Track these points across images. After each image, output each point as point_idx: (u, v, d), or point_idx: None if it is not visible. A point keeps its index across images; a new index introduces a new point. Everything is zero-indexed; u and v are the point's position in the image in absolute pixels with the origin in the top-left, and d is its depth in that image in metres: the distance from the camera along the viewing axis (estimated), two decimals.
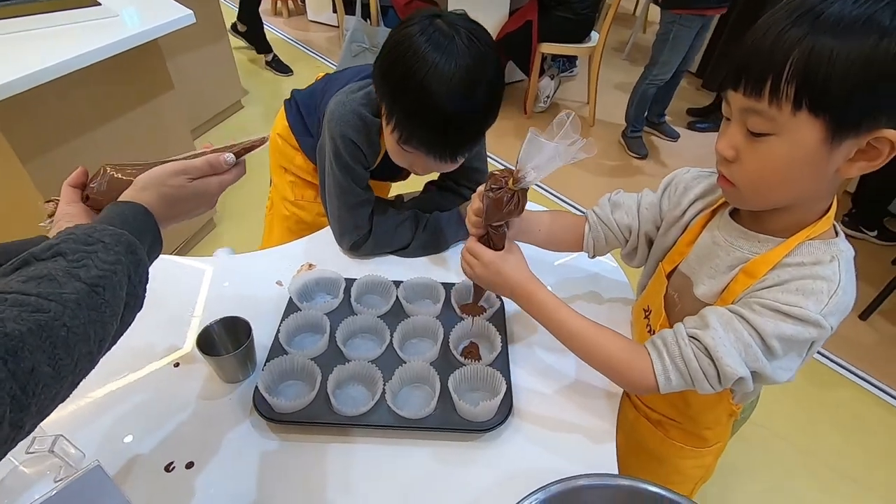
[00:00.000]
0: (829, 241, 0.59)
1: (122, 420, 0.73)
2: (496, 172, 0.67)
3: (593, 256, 0.85)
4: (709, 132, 3.20)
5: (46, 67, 1.28)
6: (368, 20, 2.86)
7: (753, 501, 1.46)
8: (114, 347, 0.47)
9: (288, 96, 1.20)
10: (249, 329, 0.77)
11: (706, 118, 3.25)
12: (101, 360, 0.45)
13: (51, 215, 0.62)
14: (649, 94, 2.81)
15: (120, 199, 0.54)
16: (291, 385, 0.77)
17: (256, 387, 0.72)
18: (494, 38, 3.18)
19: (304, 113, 1.14)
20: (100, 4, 1.56)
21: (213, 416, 0.74)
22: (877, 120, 0.48)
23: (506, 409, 0.73)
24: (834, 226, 0.60)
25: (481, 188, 0.70)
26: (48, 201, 0.64)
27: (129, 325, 0.48)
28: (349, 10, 3.04)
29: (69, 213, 0.59)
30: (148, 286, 0.50)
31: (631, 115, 2.91)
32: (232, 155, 0.61)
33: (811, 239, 0.58)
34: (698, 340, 0.60)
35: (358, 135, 0.91)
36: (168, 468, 0.68)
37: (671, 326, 0.70)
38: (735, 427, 0.82)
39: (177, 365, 0.80)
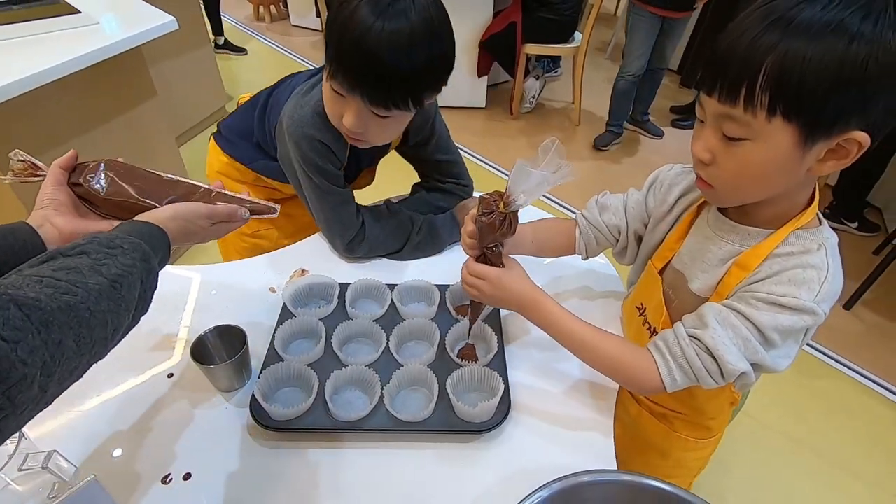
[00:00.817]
0: (814, 230, 0.61)
1: (118, 433, 0.72)
2: (486, 196, 0.68)
3: (586, 258, 0.87)
4: (691, 129, 3.24)
5: (26, 77, 1.26)
6: None
7: (745, 491, 1.48)
8: (107, 358, 0.48)
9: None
10: (244, 337, 0.76)
11: (689, 116, 3.30)
12: (94, 371, 0.48)
13: (15, 173, 0.64)
14: (620, 89, 2.87)
15: (148, 219, 0.60)
16: (288, 392, 0.77)
17: (253, 395, 0.72)
18: (479, 40, 3.18)
19: (249, 137, 1.07)
20: (80, 12, 1.54)
21: (209, 426, 0.73)
22: (847, 122, 0.50)
23: (504, 408, 0.73)
24: (817, 214, 0.62)
25: (473, 212, 0.70)
26: (21, 160, 0.64)
27: (134, 326, 0.53)
28: None
29: (57, 201, 0.63)
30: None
31: (610, 110, 2.99)
32: (248, 212, 0.71)
33: (798, 229, 0.60)
34: (699, 340, 0.61)
35: (322, 132, 0.88)
36: (165, 480, 0.67)
37: (671, 323, 0.71)
38: (732, 415, 0.84)
39: (171, 375, 0.79)
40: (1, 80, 1.22)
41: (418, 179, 1.17)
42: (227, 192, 0.73)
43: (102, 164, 0.66)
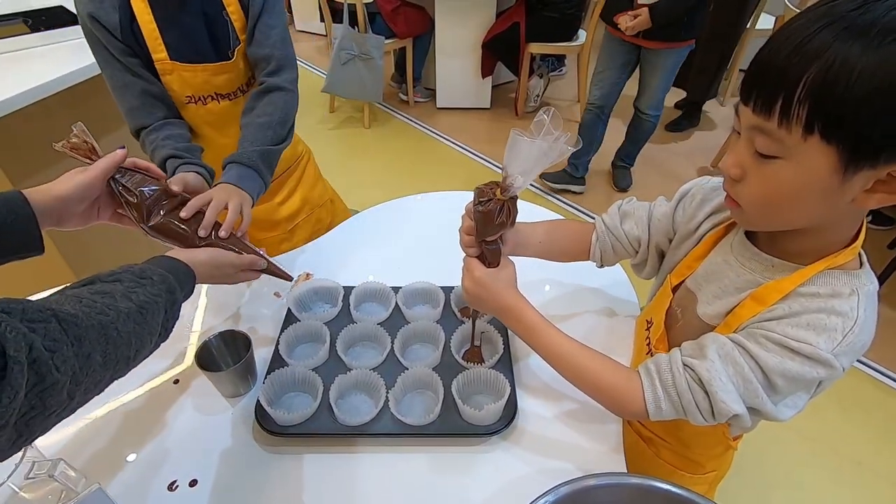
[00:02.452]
0: (851, 273, 0.53)
1: (124, 440, 0.72)
2: (482, 186, 0.64)
3: (601, 266, 0.81)
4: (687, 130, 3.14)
5: (32, 88, 1.27)
6: (356, 28, 2.86)
7: (758, 488, 1.46)
8: None
9: None
10: (249, 342, 0.76)
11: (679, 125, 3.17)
12: None
13: (72, 147, 0.68)
14: (582, 120, 2.47)
15: (183, 257, 0.66)
16: (293, 397, 0.77)
17: (258, 400, 0.72)
18: (482, 41, 3.13)
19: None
20: None
21: (215, 433, 0.73)
22: None
23: (511, 411, 0.72)
24: (859, 255, 0.55)
25: (469, 204, 0.67)
26: (84, 137, 0.69)
27: (154, 350, 0.57)
28: (337, 18, 3.04)
29: (94, 186, 0.68)
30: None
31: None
32: (266, 263, 0.77)
33: (832, 268, 0.53)
34: (693, 370, 0.56)
35: (88, 3, 0.84)
36: (171, 487, 0.67)
37: (669, 341, 0.68)
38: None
39: (176, 382, 0.79)
40: (9, 91, 1.23)
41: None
42: (249, 243, 0.78)
43: (161, 187, 0.73)
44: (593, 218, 0.80)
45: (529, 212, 1.04)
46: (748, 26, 3.09)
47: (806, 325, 0.51)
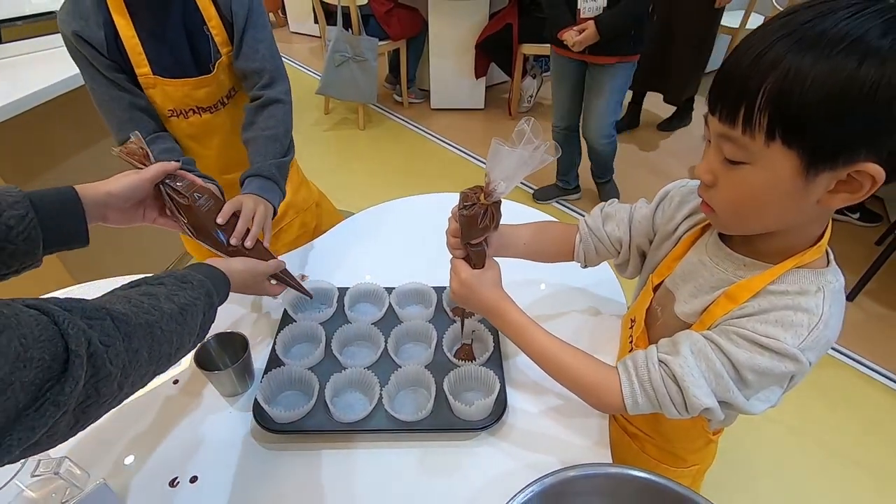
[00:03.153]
0: (818, 271, 0.55)
1: (125, 439, 0.74)
2: (466, 190, 0.66)
3: (585, 266, 0.83)
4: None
5: (31, 93, 1.29)
6: (350, 30, 2.88)
7: (744, 482, 1.49)
8: None
9: None
10: (246, 343, 0.78)
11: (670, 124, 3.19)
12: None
13: (128, 152, 0.72)
14: (558, 142, 2.24)
15: (221, 265, 0.71)
16: (290, 395, 0.79)
17: (256, 399, 0.74)
18: (476, 42, 3.10)
19: None
20: None
21: (214, 430, 0.75)
22: (855, 152, 0.45)
23: (501, 406, 0.75)
24: (827, 253, 0.57)
25: (454, 208, 0.69)
26: (140, 145, 0.73)
27: (192, 350, 0.62)
28: (331, 20, 3.06)
29: (143, 188, 0.72)
30: None
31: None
32: (284, 266, 0.84)
33: (799, 267, 0.55)
34: (667, 366, 0.58)
35: (73, 17, 0.86)
36: (173, 483, 0.69)
37: (649, 339, 0.70)
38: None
39: (176, 382, 0.82)
40: (6, 97, 1.25)
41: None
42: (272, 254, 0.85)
43: (210, 190, 0.79)
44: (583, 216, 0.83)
45: (521, 213, 1.06)
46: (738, 26, 3.13)
47: (774, 321, 0.54)
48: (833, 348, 1.87)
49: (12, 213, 0.54)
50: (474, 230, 0.66)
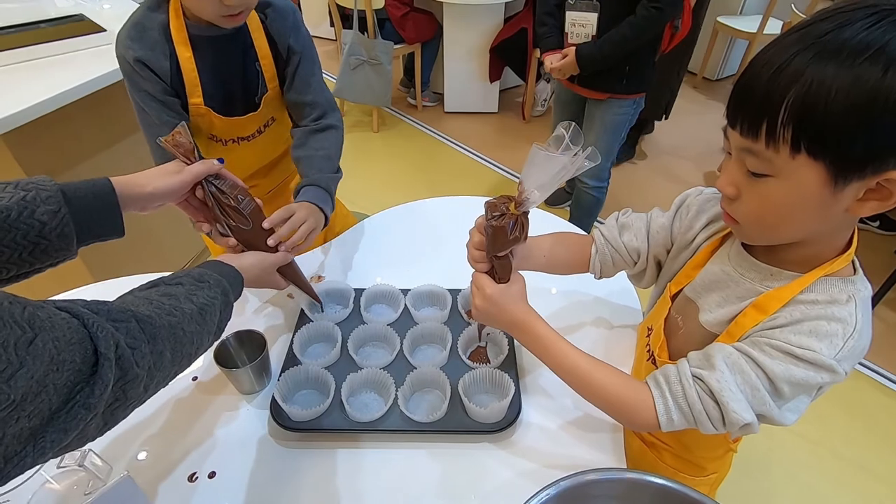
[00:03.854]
0: (846, 279, 0.55)
1: (146, 434, 0.76)
2: (493, 200, 0.63)
3: (600, 277, 0.81)
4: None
5: (56, 95, 1.32)
6: (365, 33, 2.91)
7: (762, 493, 1.47)
8: None
9: None
10: (264, 341, 0.80)
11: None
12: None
13: (174, 144, 0.71)
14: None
15: (233, 262, 0.72)
16: (306, 394, 0.80)
17: (273, 397, 0.75)
18: (490, 45, 3.02)
19: None
20: (105, 31, 1.60)
21: (232, 427, 0.77)
22: (884, 161, 0.44)
23: (515, 409, 0.75)
24: (853, 262, 0.56)
25: (480, 220, 0.67)
26: (188, 138, 0.72)
27: (209, 348, 0.61)
28: (346, 23, 3.08)
29: (185, 182, 0.71)
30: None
31: None
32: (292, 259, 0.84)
33: (828, 275, 0.54)
34: (703, 381, 0.57)
35: (139, 45, 0.88)
36: (191, 478, 0.70)
37: (669, 349, 0.69)
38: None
39: (195, 379, 0.83)
40: (34, 98, 1.28)
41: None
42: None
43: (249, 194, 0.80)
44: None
45: (537, 216, 1.06)
46: (755, 31, 3.11)
47: (808, 331, 0.52)
48: None
49: (46, 209, 0.54)
50: (503, 242, 0.63)
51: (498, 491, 0.69)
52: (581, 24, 1.67)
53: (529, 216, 0.64)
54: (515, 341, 0.85)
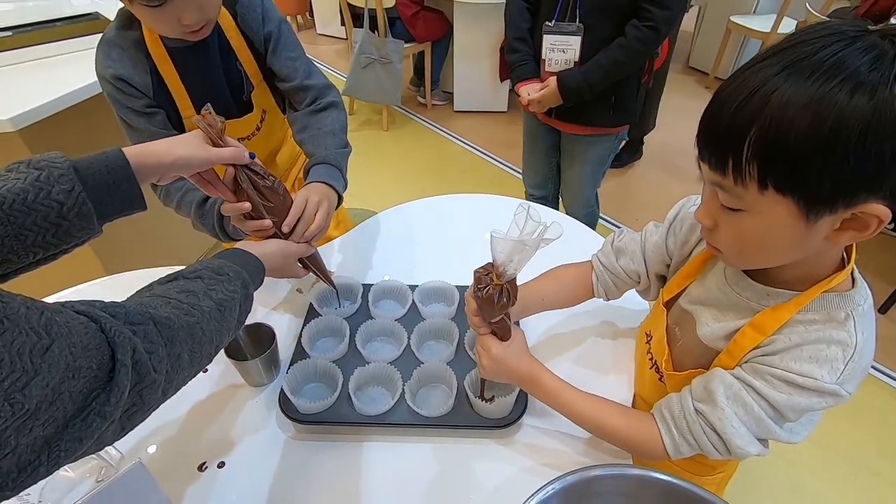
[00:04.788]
0: (843, 294, 0.53)
1: (158, 424, 0.77)
2: (479, 271, 0.65)
3: (608, 300, 0.82)
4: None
5: (71, 91, 1.34)
6: (376, 32, 2.92)
7: (771, 497, 1.46)
8: None
9: None
10: (273, 335, 0.81)
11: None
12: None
13: (208, 123, 0.69)
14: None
15: (254, 250, 0.70)
16: (314, 387, 0.81)
17: (281, 389, 0.76)
18: (501, 44, 2.98)
19: None
20: None
21: (241, 419, 0.78)
22: (853, 195, 0.43)
23: (521, 405, 0.75)
24: (852, 273, 0.55)
25: (470, 290, 0.69)
26: (220, 120, 0.70)
27: (229, 342, 0.60)
28: (357, 22, 3.10)
29: (208, 159, 0.67)
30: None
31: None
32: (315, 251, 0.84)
33: (826, 291, 0.53)
34: (705, 417, 0.58)
35: (118, 64, 0.88)
36: (201, 468, 0.71)
37: (674, 360, 0.69)
38: None
39: (205, 371, 0.84)
40: (48, 95, 1.31)
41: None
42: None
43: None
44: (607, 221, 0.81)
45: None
46: (769, 30, 3.08)
47: (808, 357, 0.52)
48: None
49: (60, 188, 0.51)
50: (493, 310, 0.65)
51: (503, 486, 0.69)
52: (561, 49, 1.43)
53: (517, 278, 0.65)
54: None
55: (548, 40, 1.42)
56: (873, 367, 1.80)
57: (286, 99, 1.07)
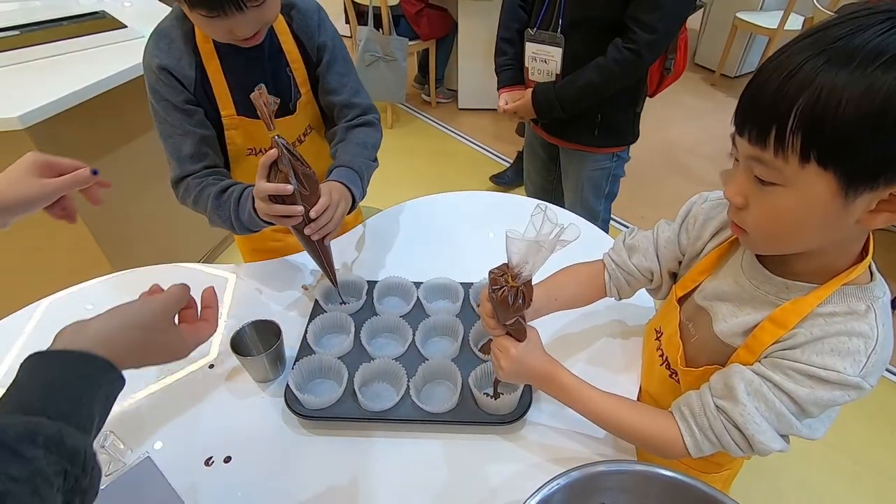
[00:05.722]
0: (864, 287, 0.53)
1: (164, 419, 0.77)
2: (494, 272, 0.63)
3: (619, 299, 0.81)
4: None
5: (78, 90, 1.35)
6: (380, 29, 2.92)
7: (776, 496, 1.46)
8: None
9: None
10: (279, 331, 0.81)
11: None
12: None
13: (265, 102, 0.70)
14: None
15: (87, 345, 0.49)
16: (320, 383, 0.81)
17: (287, 385, 0.76)
18: None
19: None
20: (126, 27, 1.63)
21: (247, 414, 0.78)
22: None
23: (526, 401, 0.75)
24: (869, 267, 0.55)
25: (485, 292, 0.67)
26: (274, 101, 0.72)
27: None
28: (361, 20, 3.10)
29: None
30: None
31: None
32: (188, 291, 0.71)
33: (845, 284, 0.53)
34: (726, 413, 0.57)
35: (165, 54, 0.88)
36: (208, 462, 0.72)
37: (687, 356, 0.68)
38: None
39: (212, 366, 0.85)
40: (56, 93, 1.32)
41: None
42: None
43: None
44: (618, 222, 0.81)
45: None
46: (776, 27, 3.06)
47: (830, 350, 0.51)
48: None
49: None
50: (508, 312, 0.64)
51: (507, 481, 0.70)
52: (542, 60, 1.35)
53: (534, 279, 0.63)
54: None
55: (530, 48, 1.36)
56: (889, 370, 1.78)
57: (328, 115, 1.07)
